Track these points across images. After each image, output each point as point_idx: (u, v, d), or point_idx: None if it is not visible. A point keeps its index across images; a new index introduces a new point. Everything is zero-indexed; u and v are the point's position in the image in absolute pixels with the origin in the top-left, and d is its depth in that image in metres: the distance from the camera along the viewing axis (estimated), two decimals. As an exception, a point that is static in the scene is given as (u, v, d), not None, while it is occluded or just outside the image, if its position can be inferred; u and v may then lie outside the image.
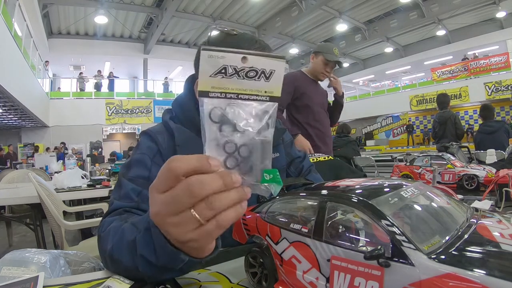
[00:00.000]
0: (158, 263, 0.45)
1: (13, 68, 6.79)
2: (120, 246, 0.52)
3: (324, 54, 2.12)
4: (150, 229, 0.44)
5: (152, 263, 0.46)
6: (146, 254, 0.46)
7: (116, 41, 13.33)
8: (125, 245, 0.50)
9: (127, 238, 0.50)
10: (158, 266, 0.46)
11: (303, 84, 2.20)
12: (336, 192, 0.44)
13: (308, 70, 2.27)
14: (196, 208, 0.33)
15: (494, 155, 2.05)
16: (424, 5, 11.68)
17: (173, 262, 0.43)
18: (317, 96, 2.23)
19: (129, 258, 0.49)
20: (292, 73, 2.34)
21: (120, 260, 0.52)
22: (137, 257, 0.48)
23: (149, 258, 0.46)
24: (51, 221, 1.81)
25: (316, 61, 2.19)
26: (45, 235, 2.50)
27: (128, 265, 0.50)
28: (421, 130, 16.25)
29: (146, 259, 0.46)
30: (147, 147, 0.74)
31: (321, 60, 2.14)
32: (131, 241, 0.49)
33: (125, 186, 0.68)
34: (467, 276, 0.28)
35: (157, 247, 0.44)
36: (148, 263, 0.47)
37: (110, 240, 0.55)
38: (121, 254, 0.51)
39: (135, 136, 13.61)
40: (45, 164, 6.23)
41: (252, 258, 0.50)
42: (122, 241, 0.51)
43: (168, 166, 0.34)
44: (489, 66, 13.32)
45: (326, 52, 2.13)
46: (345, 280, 0.36)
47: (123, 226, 0.54)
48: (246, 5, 11.46)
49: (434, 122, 4.12)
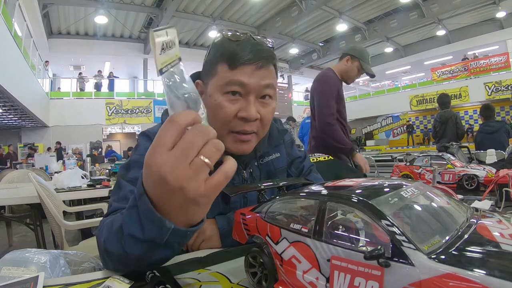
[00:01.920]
0: (145, 237, 0.46)
1: (13, 68, 6.80)
2: (110, 235, 0.53)
3: (362, 63, 2.05)
4: (136, 205, 0.45)
5: (138, 239, 0.46)
6: (132, 230, 0.47)
7: (116, 41, 13.33)
8: (114, 233, 0.51)
9: (115, 225, 0.52)
10: (145, 242, 0.46)
11: (339, 85, 2.15)
12: (336, 192, 0.44)
13: (338, 70, 2.17)
14: (204, 152, 0.38)
15: (494, 155, 2.05)
16: (424, 5, 11.68)
17: (159, 231, 0.44)
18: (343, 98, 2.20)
19: (118, 244, 0.50)
20: (333, 77, 2.19)
21: (112, 251, 0.53)
22: (124, 240, 0.48)
23: (135, 234, 0.46)
24: (51, 221, 1.81)
25: (351, 66, 2.09)
26: (45, 235, 2.51)
27: (119, 252, 0.51)
28: (421, 130, 16.25)
29: (132, 237, 0.47)
30: (145, 149, 0.74)
31: (357, 66, 2.06)
32: (118, 227, 0.50)
33: (124, 188, 0.68)
34: (467, 276, 0.28)
35: (143, 219, 0.45)
36: (134, 240, 0.47)
37: (103, 234, 0.56)
38: (112, 243, 0.52)
39: (135, 136, 13.61)
40: (45, 164, 6.24)
41: (252, 258, 0.50)
42: (111, 230, 0.53)
43: (172, 120, 0.38)
44: (489, 66, 13.33)
45: (364, 61, 2.05)
46: (345, 280, 0.36)
47: (113, 219, 0.55)
48: (246, 5, 11.46)
49: (435, 121, 4.13)
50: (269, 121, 0.75)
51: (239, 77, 0.68)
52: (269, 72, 0.72)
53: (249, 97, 0.70)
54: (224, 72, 0.69)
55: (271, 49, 0.75)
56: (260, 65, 0.69)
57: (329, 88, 2.12)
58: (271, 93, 0.73)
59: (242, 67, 0.68)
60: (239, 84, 0.68)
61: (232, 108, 0.69)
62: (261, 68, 0.69)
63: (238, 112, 0.69)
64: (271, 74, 0.73)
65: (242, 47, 0.70)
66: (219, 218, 0.77)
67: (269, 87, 0.72)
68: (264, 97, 0.72)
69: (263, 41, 0.74)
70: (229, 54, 0.69)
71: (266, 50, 0.72)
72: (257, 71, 0.69)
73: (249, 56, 0.68)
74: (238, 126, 0.71)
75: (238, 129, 0.71)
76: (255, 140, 0.75)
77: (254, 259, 0.49)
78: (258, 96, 0.72)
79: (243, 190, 0.67)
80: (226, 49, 0.70)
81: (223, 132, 0.72)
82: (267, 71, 0.71)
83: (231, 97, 0.69)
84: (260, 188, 0.61)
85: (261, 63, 0.69)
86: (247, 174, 0.82)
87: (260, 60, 0.69)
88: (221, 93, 0.69)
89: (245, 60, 0.68)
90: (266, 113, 0.73)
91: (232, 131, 0.72)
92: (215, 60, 0.72)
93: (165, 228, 0.43)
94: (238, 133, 0.71)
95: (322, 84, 2.15)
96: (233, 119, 0.70)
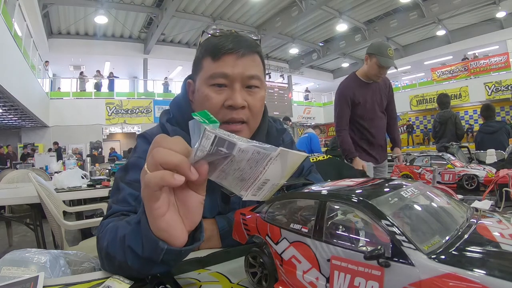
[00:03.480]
0: (143, 254, 0.48)
1: (13, 68, 6.79)
2: (114, 242, 0.54)
3: (378, 57, 2.03)
4: (140, 222, 0.47)
5: (138, 255, 0.48)
6: (133, 245, 0.49)
7: (116, 41, 13.31)
8: (118, 241, 0.52)
9: (120, 234, 0.53)
10: (143, 258, 0.48)
11: (356, 92, 2.15)
12: (336, 192, 0.44)
13: (362, 72, 2.18)
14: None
15: (494, 155, 2.05)
16: (424, 5, 11.67)
17: (154, 251, 0.46)
18: (372, 99, 2.17)
19: (121, 252, 0.51)
20: (345, 84, 2.24)
21: (114, 256, 0.54)
22: (125, 249, 0.50)
23: (135, 249, 0.48)
24: (51, 221, 1.81)
25: (370, 64, 2.09)
26: (45, 235, 2.51)
27: (120, 260, 0.52)
28: (421, 130, 16.24)
29: (133, 251, 0.49)
30: (143, 151, 0.75)
31: (375, 63, 2.05)
32: (122, 236, 0.51)
33: (123, 190, 0.69)
34: (467, 276, 0.28)
35: (142, 236, 0.47)
36: (135, 254, 0.49)
37: (106, 238, 0.57)
38: (114, 249, 0.53)
39: (135, 136, 13.60)
40: (45, 164, 6.24)
41: (252, 258, 0.50)
42: (116, 237, 0.54)
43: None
44: (489, 66, 13.32)
45: (380, 55, 2.03)
46: (345, 280, 0.36)
47: (117, 224, 0.56)
48: (246, 5, 11.45)
49: (435, 121, 4.12)
50: (258, 109, 0.75)
51: (222, 69, 0.69)
52: (252, 61, 0.72)
53: (234, 86, 0.70)
54: (208, 65, 0.71)
55: (255, 40, 0.75)
56: (241, 53, 0.69)
57: (339, 97, 2.21)
58: (257, 84, 0.73)
59: (224, 57, 0.69)
60: (223, 76, 0.69)
61: (219, 98, 0.70)
62: (242, 56, 0.70)
63: (225, 101, 0.70)
64: (254, 63, 0.73)
65: (224, 39, 0.71)
66: (219, 218, 0.77)
67: (254, 78, 0.72)
68: (250, 87, 0.73)
69: (247, 35, 0.75)
70: (212, 47, 0.70)
71: (248, 40, 0.73)
72: (240, 60, 0.70)
73: (230, 46, 0.69)
74: (226, 115, 0.71)
75: (227, 118, 0.71)
76: (246, 131, 0.75)
77: (254, 259, 0.49)
78: (244, 86, 0.72)
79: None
80: (209, 43, 0.72)
81: None
82: (250, 60, 0.71)
83: (216, 89, 0.70)
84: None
85: (242, 51, 0.69)
86: None
87: (241, 48, 0.69)
88: (207, 85, 0.71)
89: (226, 50, 0.69)
90: (254, 101, 0.73)
91: (222, 121, 0.72)
92: (200, 56, 0.73)
93: (159, 248, 0.45)
94: (228, 123, 0.72)
95: (336, 94, 2.26)
96: (221, 109, 0.71)
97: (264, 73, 0.78)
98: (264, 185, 0.42)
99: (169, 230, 0.44)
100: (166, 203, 0.43)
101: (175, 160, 0.40)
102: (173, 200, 0.44)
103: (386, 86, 2.24)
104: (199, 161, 0.39)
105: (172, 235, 0.45)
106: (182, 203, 0.44)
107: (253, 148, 0.38)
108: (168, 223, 0.44)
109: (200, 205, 0.45)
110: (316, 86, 20.12)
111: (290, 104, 17.28)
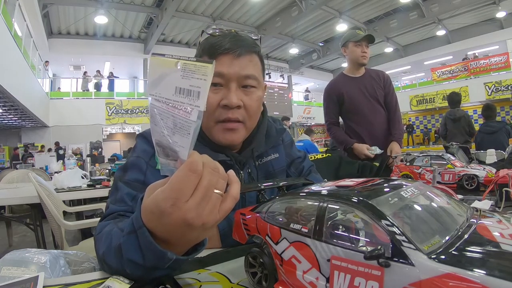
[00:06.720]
0: (146, 264, 0.46)
1: (13, 68, 6.79)
2: (109, 251, 0.53)
3: (350, 41, 2.11)
4: (135, 232, 0.45)
5: (139, 265, 0.47)
6: (132, 256, 0.47)
7: (116, 41, 13.31)
8: (113, 251, 0.51)
9: (114, 243, 0.51)
10: (146, 267, 0.47)
11: (341, 87, 2.17)
12: (336, 192, 0.44)
13: (347, 68, 2.24)
14: (217, 186, 0.40)
15: (494, 155, 2.04)
16: (424, 5, 11.67)
17: (161, 261, 0.45)
18: (360, 92, 2.15)
19: (117, 262, 0.50)
20: (331, 82, 2.31)
21: (110, 265, 0.53)
22: (124, 261, 0.48)
23: (135, 260, 0.47)
24: (51, 221, 1.81)
25: (349, 51, 2.15)
26: (45, 235, 2.51)
27: (118, 268, 0.51)
28: (421, 130, 16.25)
29: (133, 262, 0.47)
30: (143, 150, 0.75)
31: (352, 46, 2.12)
32: (117, 246, 0.50)
33: (121, 190, 0.68)
34: (467, 276, 0.28)
35: (143, 248, 0.45)
36: (135, 265, 0.47)
37: (102, 245, 0.56)
38: (110, 259, 0.53)
39: (135, 136, 13.58)
40: (45, 164, 6.24)
41: (252, 258, 0.50)
42: (110, 246, 0.53)
43: (193, 170, 0.38)
44: (489, 66, 13.33)
45: (351, 38, 2.11)
46: (345, 280, 0.36)
47: (112, 232, 0.55)
48: (246, 5, 11.45)
49: (445, 119, 4.04)
50: (254, 109, 0.75)
51: (218, 68, 0.68)
52: (249, 61, 0.72)
53: (230, 85, 0.70)
54: None
55: (254, 40, 0.75)
56: (238, 53, 0.69)
57: (325, 95, 2.29)
58: (254, 84, 0.73)
59: (221, 57, 0.69)
60: (219, 75, 0.69)
61: (215, 98, 0.70)
62: (239, 56, 0.69)
63: (220, 101, 0.70)
64: (251, 63, 0.72)
65: (222, 38, 0.71)
66: None
67: (250, 78, 0.72)
68: (246, 86, 0.72)
69: (246, 35, 0.75)
70: (209, 46, 0.71)
71: (246, 39, 0.73)
72: (236, 60, 0.69)
73: (227, 46, 0.69)
74: (222, 115, 0.71)
75: (222, 117, 0.71)
76: (242, 130, 0.75)
77: (254, 259, 0.49)
78: (240, 85, 0.72)
79: (243, 190, 0.67)
80: (207, 43, 0.72)
81: (210, 123, 0.73)
82: (247, 60, 0.71)
83: (212, 88, 0.70)
84: (260, 188, 0.61)
85: (239, 51, 0.69)
86: (244, 174, 0.81)
87: (238, 48, 0.69)
88: None
89: (222, 50, 0.69)
90: (250, 101, 0.73)
91: (218, 121, 0.72)
92: (199, 56, 0.73)
93: (166, 258, 0.45)
94: (223, 122, 0.72)
95: (323, 94, 2.33)
96: (217, 108, 0.71)
97: (263, 73, 0.78)
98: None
99: (179, 243, 0.45)
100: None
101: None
102: None
103: (380, 78, 2.17)
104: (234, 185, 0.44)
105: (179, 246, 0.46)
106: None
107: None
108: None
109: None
110: (316, 86, 20.12)
111: (290, 104, 17.28)
